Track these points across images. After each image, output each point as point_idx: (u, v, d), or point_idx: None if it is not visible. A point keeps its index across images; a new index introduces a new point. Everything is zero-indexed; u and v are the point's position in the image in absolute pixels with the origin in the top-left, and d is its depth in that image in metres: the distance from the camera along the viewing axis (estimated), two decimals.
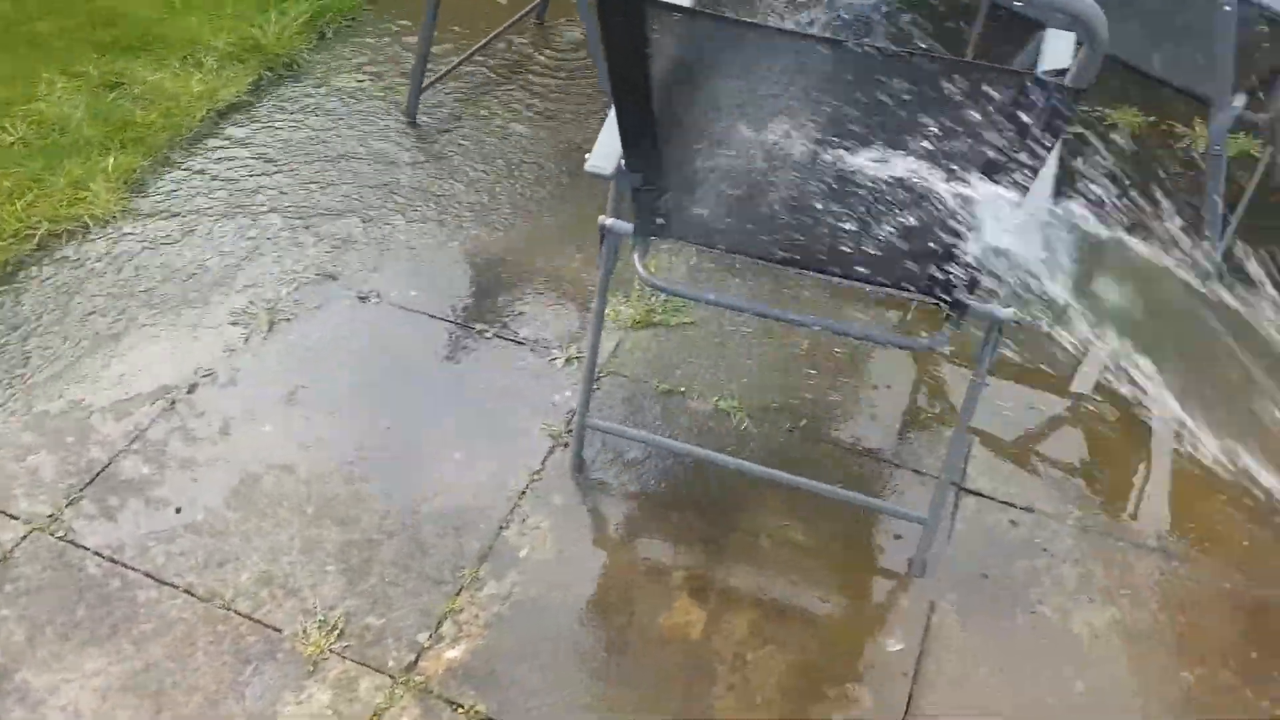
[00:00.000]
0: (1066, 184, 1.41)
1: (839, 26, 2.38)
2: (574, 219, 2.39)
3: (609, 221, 1.59)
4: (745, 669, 1.59)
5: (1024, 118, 1.04)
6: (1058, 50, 1.50)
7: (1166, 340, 1.98)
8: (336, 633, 1.63)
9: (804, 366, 2.05)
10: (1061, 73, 0.99)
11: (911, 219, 1.29)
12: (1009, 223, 1.21)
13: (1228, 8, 1.72)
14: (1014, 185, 1.15)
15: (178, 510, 1.79)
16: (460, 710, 1.54)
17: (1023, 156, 1.10)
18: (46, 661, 1.58)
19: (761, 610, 1.67)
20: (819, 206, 1.35)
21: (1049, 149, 1.08)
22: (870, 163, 1.20)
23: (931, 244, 1.34)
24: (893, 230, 1.33)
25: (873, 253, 1.41)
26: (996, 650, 1.63)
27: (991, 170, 1.14)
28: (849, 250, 1.43)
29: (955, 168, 1.15)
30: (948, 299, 1.45)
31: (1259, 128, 2.56)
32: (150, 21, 2.88)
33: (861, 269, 1.46)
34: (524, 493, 1.83)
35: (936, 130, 1.11)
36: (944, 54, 1.03)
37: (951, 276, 1.39)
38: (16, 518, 1.76)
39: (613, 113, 1.37)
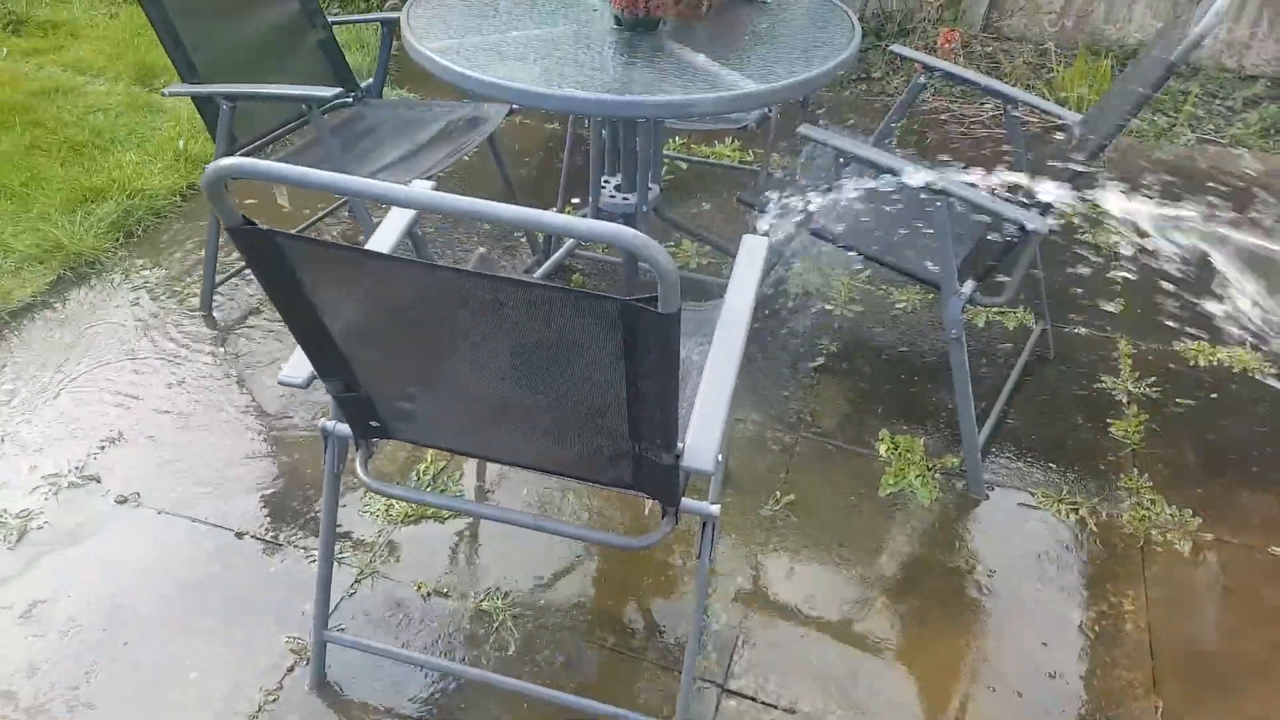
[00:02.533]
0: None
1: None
2: None
3: (329, 424, 1.55)
4: None
5: (637, 335, 1.06)
6: (753, 249, 1.57)
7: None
8: None
9: (579, 561, 1.99)
10: (653, 299, 1.01)
11: (584, 429, 1.28)
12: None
13: (937, 204, 1.83)
14: (656, 397, 1.16)
15: None
16: None
17: (647, 370, 1.11)
18: None
19: None
20: (505, 415, 1.34)
21: (669, 365, 1.10)
22: (526, 380, 1.19)
23: (619, 449, 1.32)
24: (574, 438, 1.32)
25: (571, 457, 1.39)
26: None
27: (633, 382, 1.14)
28: (550, 454, 1.41)
29: (599, 382, 1.16)
30: (657, 497, 1.43)
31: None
32: None
33: (568, 470, 1.43)
34: (255, 717, 1.69)
35: (565, 348, 1.11)
36: (551, 284, 1.04)
37: (652, 478, 1.37)
38: None
39: None
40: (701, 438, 1.32)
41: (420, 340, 1.24)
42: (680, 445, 1.31)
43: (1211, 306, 2.77)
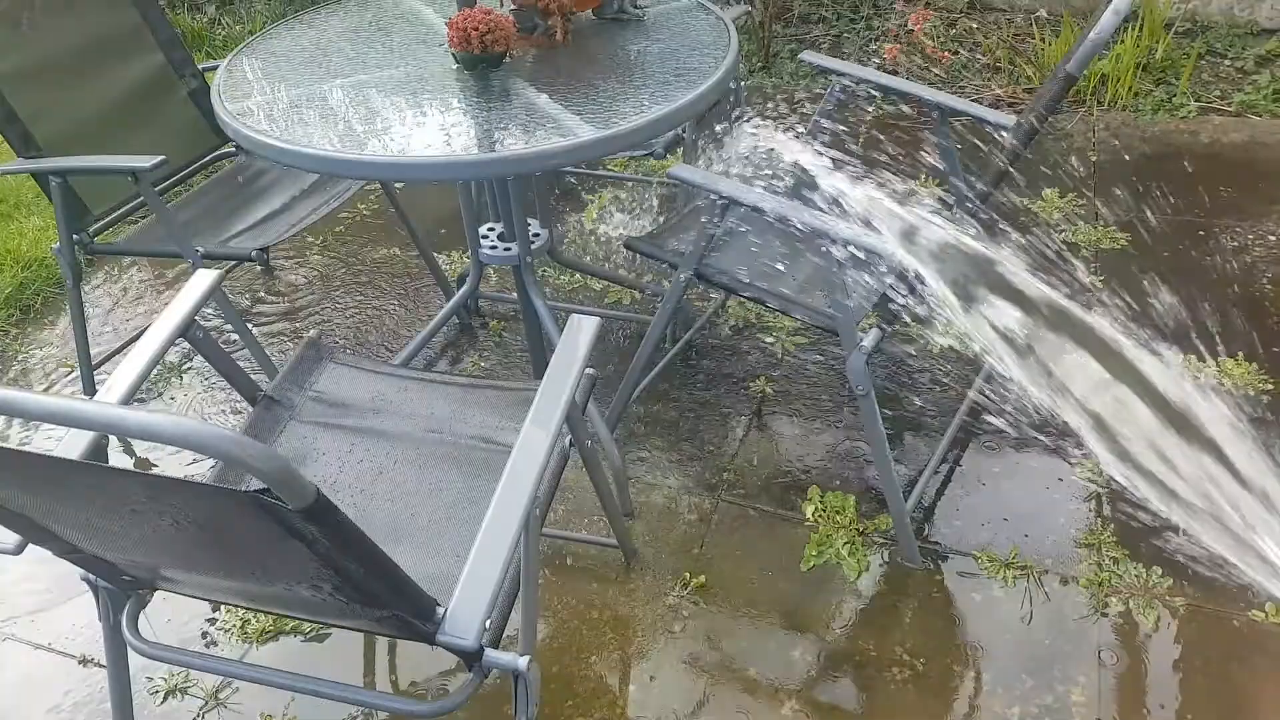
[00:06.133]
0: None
1: None
2: None
3: (91, 577, 1.35)
4: None
5: (287, 527, 0.83)
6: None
7: None
8: None
9: None
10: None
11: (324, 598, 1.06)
12: None
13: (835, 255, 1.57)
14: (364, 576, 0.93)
15: None
16: None
17: (332, 555, 0.88)
18: None
19: None
20: (245, 581, 1.12)
21: (352, 548, 0.87)
22: (225, 564, 0.98)
23: (372, 613, 1.10)
24: (321, 602, 1.10)
25: (330, 614, 1.17)
26: None
27: (329, 563, 0.92)
28: (309, 610, 1.19)
29: (296, 563, 0.94)
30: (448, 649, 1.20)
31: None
32: None
33: (334, 623, 1.22)
34: None
35: (236, 536, 0.90)
36: (174, 479, 0.82)
37: (424, 632, 1.15)
38: None
39: None
40: (468, 604, 1.08)
41: (108, 528, 1.03)
42: (441, 610, 1.09)
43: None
